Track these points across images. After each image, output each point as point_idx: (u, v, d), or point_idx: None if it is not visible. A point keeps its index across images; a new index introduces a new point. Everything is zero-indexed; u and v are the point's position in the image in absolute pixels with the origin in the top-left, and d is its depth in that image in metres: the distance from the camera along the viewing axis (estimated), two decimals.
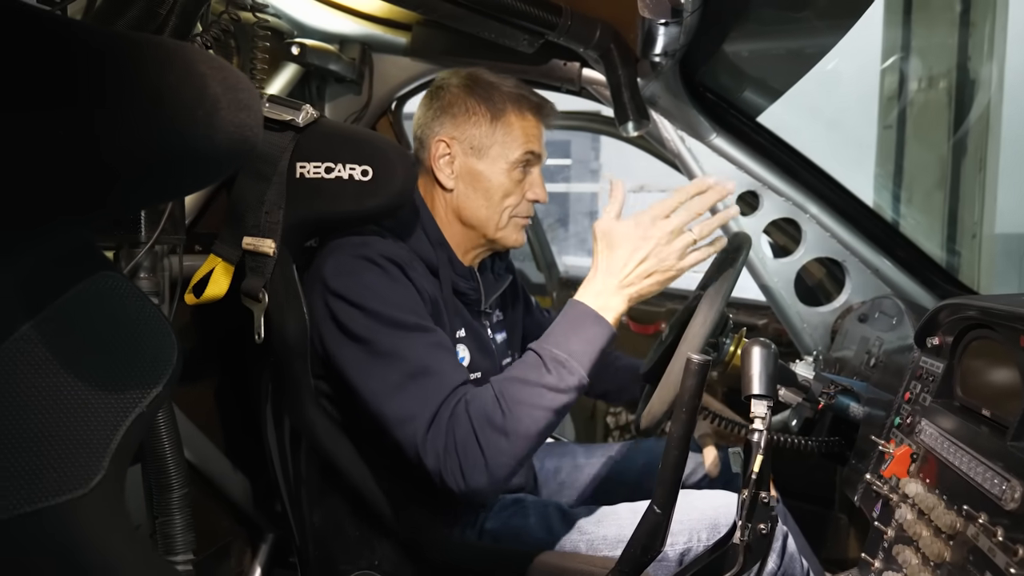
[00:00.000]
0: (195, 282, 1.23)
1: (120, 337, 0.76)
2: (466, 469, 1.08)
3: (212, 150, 0.67)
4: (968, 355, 1.03)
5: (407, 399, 1.13)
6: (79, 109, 0.60)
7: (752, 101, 1.69)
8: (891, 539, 1.04)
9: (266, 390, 1.38)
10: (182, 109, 0.64)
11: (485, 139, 1.36)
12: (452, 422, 1.11)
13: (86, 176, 0.63)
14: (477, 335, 1.42)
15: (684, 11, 1.14)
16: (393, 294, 1.20)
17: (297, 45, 1.54)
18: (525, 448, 1.10)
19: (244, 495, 1.58)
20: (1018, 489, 0.76)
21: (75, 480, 0.69)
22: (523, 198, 1.41)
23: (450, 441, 1.09)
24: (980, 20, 2.40)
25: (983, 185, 2.48)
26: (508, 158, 1.37)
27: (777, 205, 1.75)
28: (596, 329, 1.15)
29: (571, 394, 1.12)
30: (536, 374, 1.12)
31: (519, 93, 1.39)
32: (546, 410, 1.10)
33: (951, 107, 2.50)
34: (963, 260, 2.57)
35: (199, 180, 0.72)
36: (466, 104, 1.37)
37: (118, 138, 0.62)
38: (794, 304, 1.81)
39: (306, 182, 1.22)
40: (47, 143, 0.60)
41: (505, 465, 1.09)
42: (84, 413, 0.71)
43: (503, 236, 1.41)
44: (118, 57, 0.62)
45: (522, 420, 1.09)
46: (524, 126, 1.38)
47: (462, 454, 1.09)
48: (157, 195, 0.74)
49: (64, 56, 0.60)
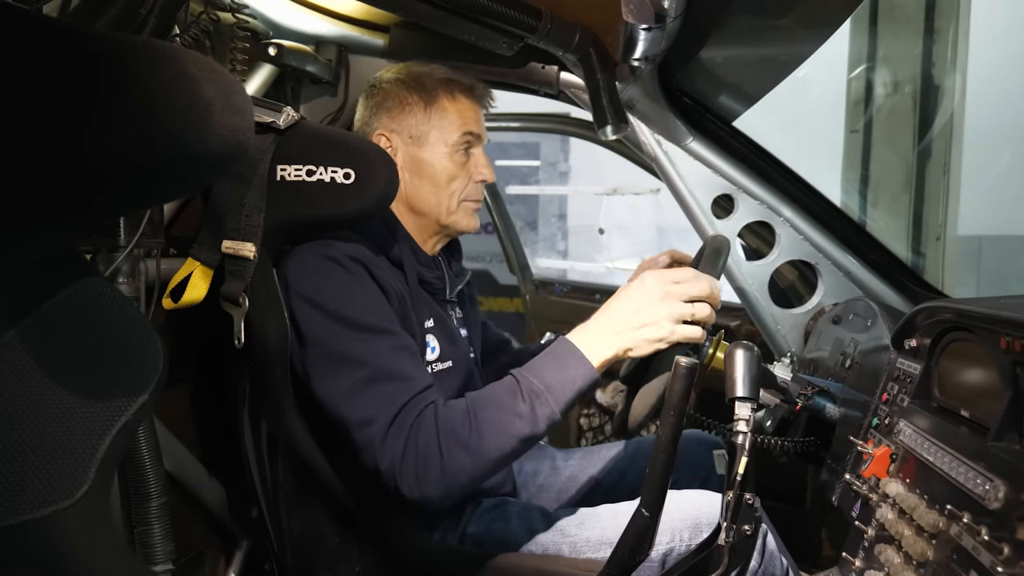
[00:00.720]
0: (173, 286, 1.20)
1: (105, 344, 0.74)
2: (422, 476, 1.08)
3: (204, 154, 0.66)
4: (945, 357, 1.06)
5: (367, 401, 1.12)
6: (68, 110, 0.59)
7: (728, 106, 1.71)
8: (872, 538, 1.06)
9: (243, 395, 1.35)
10: (174, 111, 0.63)
11: (422, 127, 1.40)
12: (416, 427, 1.10)
13: (74, 178, 0.61)
14: (445, 324, 1.44)
15: (667, 16, 1.15)
16: (357, 296, 1.20)
17: (274, 46, 1.52)
18: (485, 469, 1.10)
19: (219, 502, 1.55)
20: (1002, 489, 0.78)
21: (60, 491, 0.68)
22: (470, 180, 1.44)
23: (411, 445, 1.09)
24: (944, 27, 2.47)
25: (947, 188, 2.55)
26: (447, 142, 1.40)
27: (752, 208, 1.78)
28: (579, 369, 1.13)
29: (540, 427, 1.11)
30: (511, 400, 1.11)
31: (448, 78, 1.44)
32: (513, 437, 1.09)
33: (916, 112, 2.57)
34: (927, 262, 2.63)
35: (190, 184, 0.71)
36: (399, 96, 1.42)
37: (108, 140, 0.60)
38: (768, 306, 1.84)
39: (287, 185, 1.20)
40: (34, 144, 0.58)
41: (461, 482, 1.09)
42: (69, 422, 0.69)
43: (455, 220, 1.43)
44: (108, 58, 0.61)
45: (488, 442, 1.08)
46: (458, 108, 1.42)
47: (421, 460, 1.08)
48: (146, 199, 0.72)
49: (52, 56, 0.58)
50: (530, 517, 1.33)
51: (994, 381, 0.89)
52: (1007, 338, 0.83)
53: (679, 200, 1.80)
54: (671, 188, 1.80)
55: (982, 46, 2.53)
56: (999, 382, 0.87)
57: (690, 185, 1.76)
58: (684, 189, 1.77)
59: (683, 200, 1.78)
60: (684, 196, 1.77)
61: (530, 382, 1.12)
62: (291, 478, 1.31)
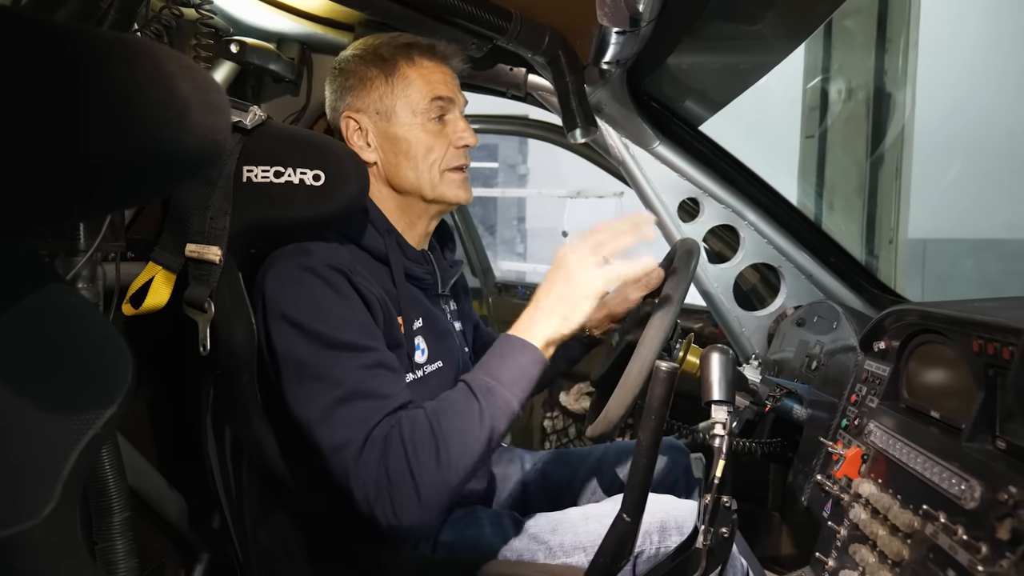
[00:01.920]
0: (133, 292, 1.15)
1: (72, 354, 0.70)
2: (397, 505, 1.03)
3: (182, 153, 0.63)
4: (914, 359, 1.08)
5: (338, 426, 1.07)
6: (42, 110, 0.55)
7: (695, 111, 1.73)
8: (844, 538, 1.07)
9: (206, 403, 1.31)
10: (151, 110, 0.60)
11: (387, 100, 1.32)
12: (385, 453, 1.05)
13: (46, 182, 0.58)
14: (436, 322, 1.37)
15: (642, 20, 1.15)
16: (335, 309, 1.14)
17: (236, 43, 1.47)
18: (459, 479, 1.06)
19: (178, 513, 1.49)
20: (978, 489, 0.79)
21: (25, 511, 0.63)
22: (449, 147, 1.35)
23: (382, 475, 1.03)
24: (895, 36, 2.54)
25: (899, 193, 2.63)
26: (416, 111, 1.31)
27: (717, 212, 1.80)
28: (524, 355, 1.11)
29: (500, 422, 1.08)
30: (465, 403, 1.08)
31: (405, 42, 1.34)
32: (477, 440, 1.06)
33: (869, 118, 2.64)
34: (881, 264, 2.71)
35: (166, 185, 0.68)
36: (358, 72, 1.33)
37: (85, 141, 0.57)
38: (733, 309, 1.87)
39: (254, 187, 1.16)
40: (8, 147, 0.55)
41: (438, 500, 1.05)
42: (34, 438, 0.65)
43: (441, 193, 1.34)
44: (83, 54, 0.57)
45: (456, 451, 1.05)
46: (422, 73, 1.33)
47: (395, 489, 1.03)
48: (121, 201, 0.68)
49: (24, 53, 0.55)
50: (503, 524, 1.32)
51: (965, 383, 0.91)
52: (980, 341, 0.85)
53: (646, 203, 1.81)
54: (638, 192, 1.80)
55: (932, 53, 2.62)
56: (971, 384, 0.89)
57: (657, 189, 1.77)
58: (651, 192, 1.78)
59: (650, 203, 1.79)
60: (651, 199, 1.78)
61: (481, 381, 1.09)
62: (257, 487, 1.27)
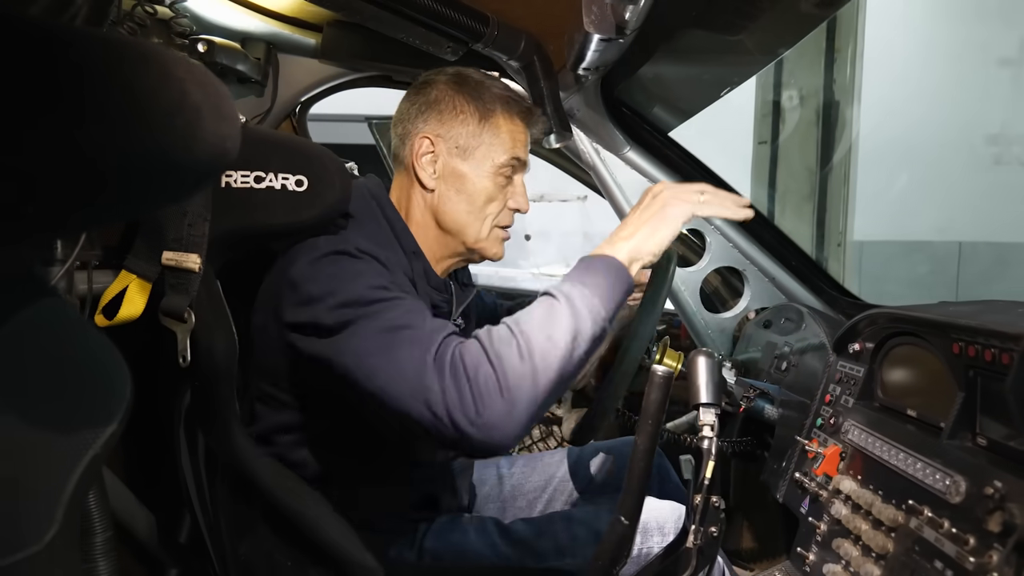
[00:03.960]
0: (106, 302, 1.10)
1: (69, 372, 0.67)
2: (479, 402, 0.93)
3: (192, 162, 0.61)
4: (889, 360, 1.13)
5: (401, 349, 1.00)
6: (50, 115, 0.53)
7: (666, 118, 1.76)
8: (825, 533, 1.11)
9: (178, 415, 1.27)
10: (160, 117, 0.58)
11: (472, 139, 1.29)
12: (461, 353, 0.98)
13: (55, 189, 0.55)
14: None
15: (627, 28, 1.17)
16: (375, 271, 1.09)
17: (204, 42, 1.43)
18: (545, 377, 0.96)
19: (147, 530, 1.44)
20: (962, 484, 0.83)
21: (27, 536, 0.60)
22: (504, 206, 1.34)
23: (459, 371, 0.96)
24: (843, 45, 2.65)
25: (847, 198, 2.73)
26: (494, 161, 1.29)
27: None
28: (604, 264, 1.06)
29: (586, 320, 1.00)
30: (546, 304, 1.02)
31: (509, 96, 1.33)
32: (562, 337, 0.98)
33: (819, 126, 2.74)
34: (830, 266, 2.82)
35: (174, 195, 0.65)
36: (454, 102, 1.30)
37: (89, 148, 0.54)
38: (700, 311, 1.91)
39: (233, 192, 1.13)
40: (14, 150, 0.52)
41: (525, 396, 0.94)
42: (34, 459, 0.62)
43: (484, 247, 1.33)
44: (90, 58, 0.55)
45: (538, 344, 0.97)
46: (512, 130, 1.32)
47: (475, 383, 0.94)
48: (126, 212, 0.65)
49: (34, 56, 0.52)
50: (487, 529, 1.32)
51: (943, 383, 0.96)
52: (960, 343, 0.90)
53: (616, 208, 1.83)
54: (608, 196, 1.83)
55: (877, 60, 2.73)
56: (951, 384, 0.93)
57: (627, 194, 1.80)
58: (621, 198, 1.80)
59: (620, 208, 1.82)
60: (621, 204, 1.81)
61: (560, 287, 1.04)
62: (235, 499, 1.24)
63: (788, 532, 1.74)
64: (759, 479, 1.48)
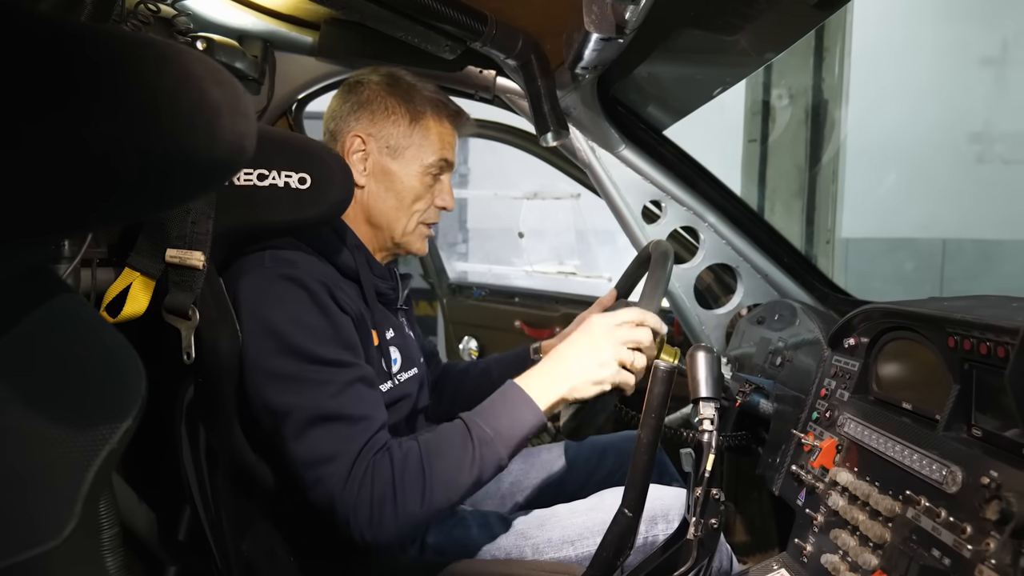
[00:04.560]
0: (110, 299, 1.10)
1: (85, 368, 0.68)
2: (376, 524, 1.07)
3: (211, 160, 0.61)
4: (884, 354, 1.15)
5: (317, 443, 1.10)
6: (72, 114, 0.54)
7: (660, 116, 1.78)
8: (822, 524, 1.13)
9: (180, 411, 1.27)
10: (181, 116, 0.58)
11: (402, 139, 1.35)
12: (372, 475, 1.08)
13: (74, 187, 0.56)
14: (402, 333, 1.42)
15: (627, 28, 1.18)
16: (318, 323, 1.15)
17: (203, 40, 1.43)
18: (434, 516, 1.12)
19: (147, 527, 1.43)
20: (959, 474, 0.86)
21: (47, 530, 0.61)
22: (431, 204, 1.41)
23: (364, 495, 1.07)
24: (832, 45, 2.68)
25: (835, 196, 2.77)
26: (422, 162, 1.36)
27: (679, 214, 1.85)
28: (527, 414, 1.15)
29: (487, 473, 1.12)
30: (461, 448, 1.11)
31: (439, 99, 1.40)
32: (462, 487, 1.11)
33: (808, 124, 2.77)
34: (820, 262, 2.85)
35: (193, 192, 0.66)
36: (386, 103, 1.36)
37: (113, 147, 0.55)
38: (694, 307, 1.93)
39: (237, 190, 1.13)
40: (36, 149, 0.53)
41: (412, 529, 1.11)
42: (52, 454, 0.63)
43: (408, 241, 1.40)
44: (111, 57, 0.56)
45: (439, 493, 1.09)
46: (441, 132, 1.38)
47: (376, 509, 1.07)
48: (147, 208, 0.66)
49: (56, 56, 0.53)
50: (489, 523, 1.33)
51: (938, 376, 0.98)
52: (956, 337, 0.92)
53: (611, 206, 1.85)
54: (603, 194, 1.84)
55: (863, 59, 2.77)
56: (946, 377, 0.96)
57: (622, 191, 1.82)
58: (616, 195, 1.82)
59: (615, 206, 1.83)
60: (616, 202, 1.82)
61: (481, 429, 1.12)
62: (238, 495, 1.24)
63: (782, 525, 1.77)
64: (754, 473, 1.50)
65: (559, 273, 3.32)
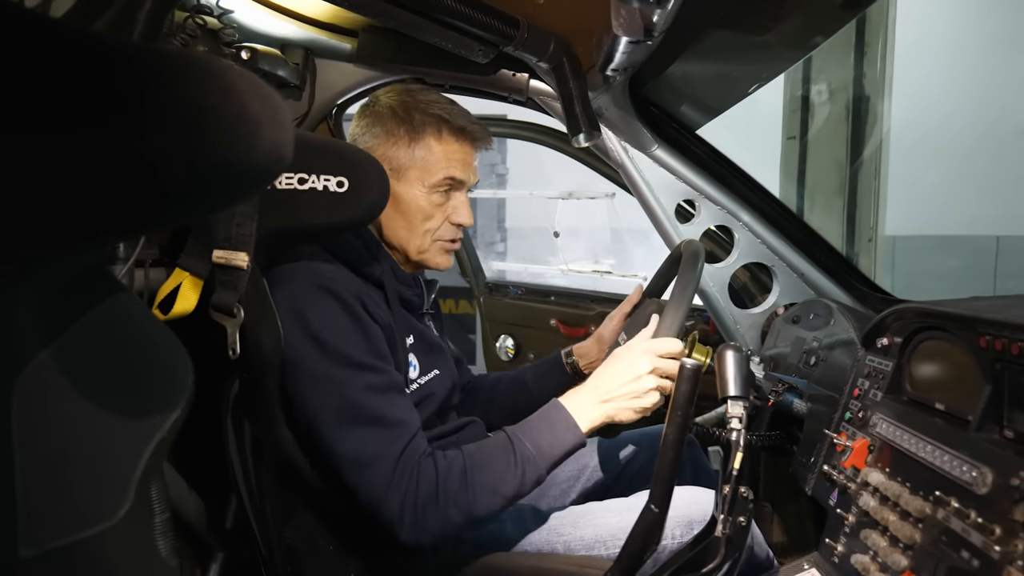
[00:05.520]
0: (162, 297, 1.16)
1: (137, 361, 0.73)
2: (419, 527, 1.14)
3: (251, 168, 0.65)
4: (917, 354, 1.14)
5: (363, 442, 1.16)
6: (123, 128, 0.58)
7: (693, 116, 1.78)
8: (853, 524, 1.13)
9: (226, 404, 1.32)
10: (223, 128, 0.62)
11: (404, 160, 1.37)
12: (416, 480, 1.15)
13: (126, 195, 0.60)
14: (423, 337, 1.45)
15: (655, 31, 1.19)
16: (351, 330, 1.21)
17: (247, 50, 1.48)
18: (473, 525, 1.19)
19: (196, 514, 1.50)
20: (989, 475, 0.85)
21: (104, 511, 0.66)
22: (445, 221, 1.42)
23: (409, 498, 1.14)
24: (873, 40, 2.63)
25: (878, 193, 2.72)
26: (426, 182, 1.38)
27: (713, 213, 1.85)
28: (568, 435, 1.21)
29: (527, 488, 1.19)
30: (504, 463, 1.18)
31: (440, 115, 1.39)
32: (503, 498, 1.18)
33: (849, 120, 2.72)
34: (861, 261, 2.80)
35: (235, 198, 0.70)
36: (387, 125, 1.38)
37: (162, 158, 0.59)
38: (728, 307, 1.92)
39: (279, 193, 1.18)
40: (91, 161, 0.57)
41: (451, 534, 1.17)
42: (108, 441, 0.68)
43: (426, 258, 1.43)
44: (158, 74, 0.60)
45: (480, 504, 1.16)
46: (445, 150, 1.39)
47: (420, 513, 1.14)
48: (191, 215, 0.71)
49: (108, 74, 0.57)
50: (524, 518, 1.36)
51: (970, 376, 0.98)
52: (988, 337, 0.92)
53: (644, 206, 1.85)
54: (636, 194, 1.85)
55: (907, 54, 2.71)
56: (978, 377, 0.95)
57: (655, 191, 1.82)
58: (649, 195, 1.82)
59: (648, 206, 1.84)
60: (649, 202, 1.83)
61: (524, 446, 1.20)
62: (281, 486, 1.30)
63: (818, 525, 1.76)
64: (789, 472, 1.50)
65: (594, 272, 3.34)
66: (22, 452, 0.61)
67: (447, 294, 5.08)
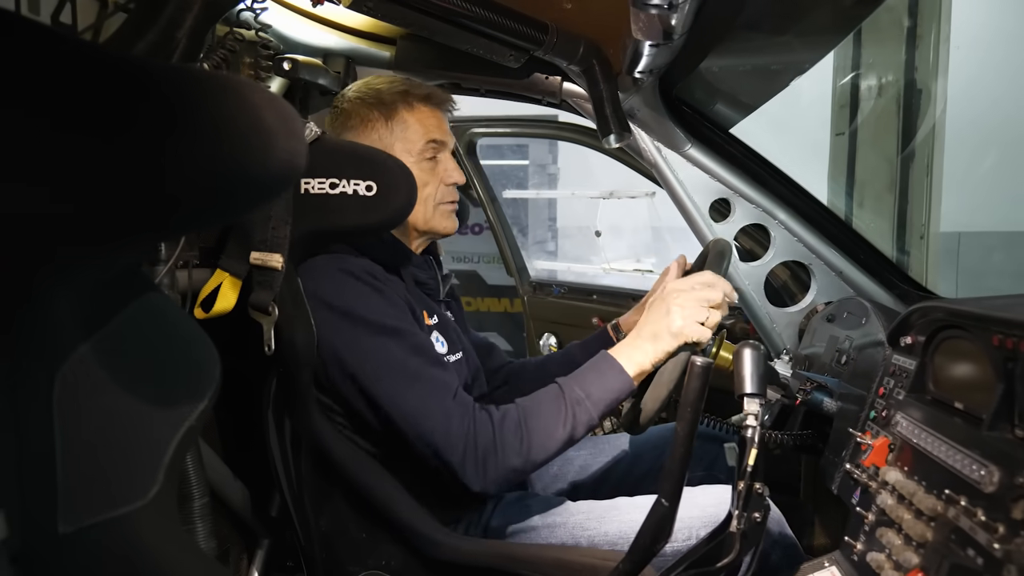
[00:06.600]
0: (203, 297, 1.24)
1: (169, 355, 0.79)
2: (482, 473, 1.22)
3: (266, 177, 0.71)
4: (939, 353, 1.13)
5: (413, 401, 1.24)
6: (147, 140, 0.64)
7: (726, 114, 1.78)
8: (872, 523, 1.13)
9: (267, 399, 1.40)
10: (240, 139, 0.68)
11: (387, 140, 1.47)
12: (475, 429, 1.22)
13: (153, 198, 0.66)
14: (444, 321, 1.53)
15: (675, 34, 1.21)
16: (375, 301, 1.30)
17: (288, 60, 1.56)
18: (531, 469, 1.26)
19: (242, 502, 1.59)
20: (996, 474, 0.85)
21: (136, 491, 0.73)
22: (440, 184, 1.50)
23: (470, 450, 1.21)
24: (926, 33, 2.56)
25: (930, 188, 2.64)
26: (412, 151, 1.47)
27: (748, 212, 1.85)
28: (616, 380, 1.27)
29: (579, 431, 1.25)
30: (555, 407, 1.24)
31: (404, 89, 1.49)
32: (557, 441, 1.24)
33: (899, 114, 2.65)
34: (912, 259, 2.72)
35: (252, 204, 0.76)
36: (360, 114, 1.48)
37: (183, 168, 0.65)
38: (764, 305, 1.91)
39: (311, 198, 1.25)
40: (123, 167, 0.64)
41: (511, 479, 1.25)
42: (142, 429, 0.75)
43: (434, 225, 1.51)
44: (183, 92, 0.66)
45: (536, 448, 1.23)
46: (418, 117, 1.49)
47: (481, 460, 1.21)
48: (213, 219, 0.77)
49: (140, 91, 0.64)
50: (551, 511, 1.39)
51: (986, 375, 0.97)
52: (1000, 336, 0.91)
53: (678, 205, 1.86)
54: (670, 193, 1.86)
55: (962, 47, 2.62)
56: (992, 376, 0.94)
57: (689, 190, 1.83)
58: (683, 194, 1.83)
59: (682, 205, 1.85)
60: (683, 201, 1.84)
61: (573, 390, 1.26)
62: (317, 476, 1.37)
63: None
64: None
65: (635, 271, 3.35)
66: (63, 438, 0.69)
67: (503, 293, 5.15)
